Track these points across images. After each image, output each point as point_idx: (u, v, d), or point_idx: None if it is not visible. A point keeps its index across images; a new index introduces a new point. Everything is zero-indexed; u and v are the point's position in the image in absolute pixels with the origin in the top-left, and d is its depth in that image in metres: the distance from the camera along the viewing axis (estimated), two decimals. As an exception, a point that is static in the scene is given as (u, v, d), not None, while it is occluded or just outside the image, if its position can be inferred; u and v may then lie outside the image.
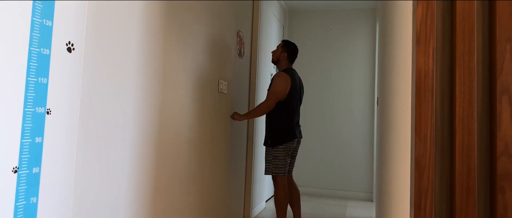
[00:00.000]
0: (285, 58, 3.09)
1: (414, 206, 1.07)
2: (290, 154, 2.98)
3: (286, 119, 2.95)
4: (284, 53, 3.08)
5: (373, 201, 4.70)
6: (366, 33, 4.94)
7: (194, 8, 2.13)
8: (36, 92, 1.12)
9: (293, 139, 2.95)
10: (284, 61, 3.09)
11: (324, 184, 4.87)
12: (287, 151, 2.94)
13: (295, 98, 3.00)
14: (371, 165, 4.79)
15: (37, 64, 1.12)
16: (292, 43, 3.13)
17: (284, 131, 2.94)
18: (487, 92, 1.07)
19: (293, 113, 2.98)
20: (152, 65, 1.74)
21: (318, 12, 5.13)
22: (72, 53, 1.24)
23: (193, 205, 2.19)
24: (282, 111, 2.95)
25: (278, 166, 2.91)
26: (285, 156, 2.93)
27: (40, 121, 1.14)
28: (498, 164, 1.03)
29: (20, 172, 1.08)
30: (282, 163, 2.92)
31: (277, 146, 2.92)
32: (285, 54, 3.08)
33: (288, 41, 3.13)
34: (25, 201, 1.10)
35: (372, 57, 4.91)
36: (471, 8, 1.07)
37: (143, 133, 1.68)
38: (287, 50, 3.09)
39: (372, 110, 4.84)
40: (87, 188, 1.35)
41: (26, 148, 1.10)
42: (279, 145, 2.92)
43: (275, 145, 2.92)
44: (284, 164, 2.93)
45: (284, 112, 2.95)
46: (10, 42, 1.04)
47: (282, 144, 2.92)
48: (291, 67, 3.10)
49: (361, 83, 4.91)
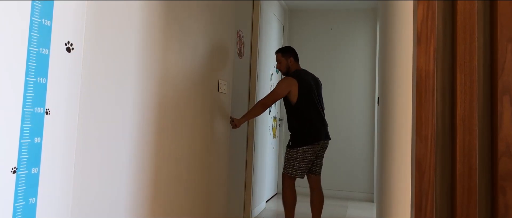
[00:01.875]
0: (293, 62, 3.10)
1: (415, 206, 1.07)
2: (311, 157, 2.96)
3: (304, 122, 2.96)
4: (290, 58, 3.09)
5: (373, 201, 4.69)
6: (367, 33, 4.94)
7: (193, 7, 2.13)
8: (35, 92, 1.12)
9: (314, 142, 2.94)
10: (293, 65, 3.11)
11: (325, 185, 4.86)
12: (307, 154, 2.94)
13: (309, 100, 2.96)
14: (372, 166, 4.79)
15: (36, 64, 1.11)
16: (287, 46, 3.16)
17: (303, 134, 2.95)
18: (488, 92, 1.06)
19: (310, 115, 2.96)
20: (152, 65, 1.73)
21: (319, 11, 5.12)
22: (71, 53, 1.24)
23: (192, 206, 2.19)
24: (297, 114, 2.96)
25: (295, 167, 2.94)
26: (304, 159, 2.94)
27: (39, 121, 1.13)
28: (499, 165, 1.02)
29: (19, 173, 1.08)
30: (300, 166, 2.94)
31: (296, 148, 2.94)
32: (291, 58, 3.10)
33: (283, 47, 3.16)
34: (24, 201, 1.10)
35: (372, 57, 4.90)
36: (472, 8, 1.06)
37: (143, 133, 1.68)
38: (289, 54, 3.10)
39: (373, 110, 4.84)
40: (86, 188, 1.35)
41: (25, 148, 1.09)
42: (298, 147, 2.93)
43: (294, 147, 2.95)
44: (302, 167, 2.95)
45: (300, 114, 2.96)
46: (9, 42, 1.04)
47: (302, 147, 2.93)
48: (299, 69, 3.09)
49: (361, 83, 4.91)
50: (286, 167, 2.98)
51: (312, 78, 3.08)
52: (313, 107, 2.98)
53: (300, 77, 2.98)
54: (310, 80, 3.02)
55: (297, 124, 2.98)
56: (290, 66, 3.10)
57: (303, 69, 3.09)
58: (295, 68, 3.09)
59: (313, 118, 2.96)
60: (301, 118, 2.96)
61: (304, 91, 2.95)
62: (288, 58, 3.09)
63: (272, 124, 4.59)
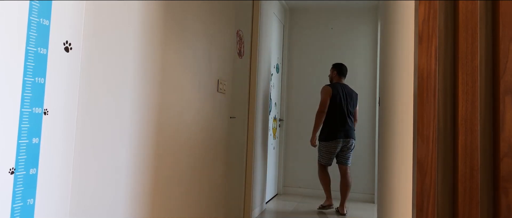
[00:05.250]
0: (335, 75, 4.12)
1: (416, 207, 1.06)
2: (333, 151, 3.94)
3: (327, 122, 3.96)
4: (334, 71, 4.12)
5: (374, 202, 4.68)
6: (368, 32, 4.93)
7: (193, 7, 2.12)
8: (33, 92, 1.11)
9: (334, 139, 3.90)
10: (335, 77, 4.12)
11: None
12: (329, 148, 3.94)
13: (337, 106, 3.93)
14: (373, 166, 4.78)
15: (34, 64, 1.11)
16: (338, 63, 4.14)
17: (325, 133, 3.96)
18: (490, 92, 1.05)
19: (334, 118, 3.93)
20: (151, 65, 1.72)
21: (319, 11, 5.11)
22: (69, 53, 1.23)
23: (192, 207, 2.18)
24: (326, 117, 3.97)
25: (323, 157, 4.00)
26: (327, 152, 3.95)
27: (37, 121, 1.13)
28: (501, 165, 1.01)
29: (17, 173, 1.07)
30: (326, 156, 3.97)
31: (322, 142, 3.99)
32: (335, 72, 4.12)
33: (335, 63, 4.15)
34: (22, 202, 1.09)
35: (373, 56, 4.89)
36: (474, 7, 1.05)
37: (142, 134, 1.67)
38: (334, 68, 4.13)
39: (374, 110, 4.83)
40: (84, 189, 1.34)
41: (23, 149, 1.08)
42: (323, 142, 3.97)
43: (320, 141, 4.00)
44: (327, 158, 3.97)
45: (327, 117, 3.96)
46: (7, 42, 1.03)
47: (324, 142, 3.95)
48: (338, 81, 4.08)
49: (362, 83, 4.90)
50: (318, 157, 4.05)
51: (347, 90, 4.02)
52: (338, 113, 3.92)
53: (334, 87, 3.97)
54: (339, 90, 3.97)
55: (323, 124, 4.00)
56: (333, 77, 4.13)
57: (341, 83, 4.06)
58: (336, 80, 4.10)
59: (336, 121, 3.91)
60: (326, 121, 3.97)
61: (333, 99, 3.94)
62: (333, 71, 4.13)
63: (272, 125, 4.58)
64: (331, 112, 3.92)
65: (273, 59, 4.53)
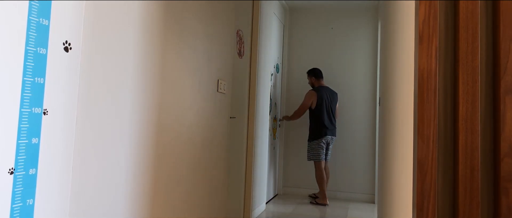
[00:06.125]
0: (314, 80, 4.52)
1: (416, 208, 1.06)
2: (324, 147, 4.35)
3: (315, 122, 4.36)
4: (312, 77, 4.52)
5: (375, 203, 4.68)
6: (368, 32, 4.93)
7: (193, 7, 2.12)
8: (32, 92, 1.11)
9: (322, 137, 4.32)
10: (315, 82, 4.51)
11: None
12: (319, 145, 4.33)
13: (324, 107, 4.35)
14: (373, 167, 4.78)
15: (33, 64, 1.10)
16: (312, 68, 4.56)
17: (314, 131, 4.36)
18: (491, 92, 1.05)
19: (323, 118, 4.34)
20: (151, 65, 1.72)
21: (319, 11, 5.11)
22: (69, 53, 1.23)
23: (192, 207, 2.18)
24: (312, 117, 4.39)
25: (314, 154, 4.33)
26: (318, 148, 4.33)
27: (37, 121, 1.12)
28: (502, 166, 1.01)
29: (16, 174, 1.07)
30: (316, 153, 4.33)
31: (311, 141, 4.37)
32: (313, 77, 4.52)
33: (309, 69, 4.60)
34: (21, 203, 1.09)
35: (374, 56, 4.89)
36: (475, 8, 1.05)
37: (141, 134, 1.67)
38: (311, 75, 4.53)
39: (374, 111, 4.83)
40: (84, 189, 1.34)
41: (22, 149, 1.08)
42: (311, 140, 4.36)
43: (310, 140, 4.38)
44: (318, 154, 4.32)
45: (313, 117, 4.37)
46: (6, 42, 1.03)
47: (313, 140, 4.34)
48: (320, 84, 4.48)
49: (362, 83, 4.89)
50: (308, 155, 4.36)
51: (329, 92, 4.42)
52: (325, 113, 4.35)
53: (318, 91, 4.37)
54: (324, 93, 4.37)
55: (311, 124, 4.39)
56: (314, 83, 4.52)
57: (323, 85, 4.45)
58: (318, 84, 4.48)
59: (323, 120, 4.33)
60: (313, 120, 4.37)
61: (319, 101, 4.34)
62: (311, 77, 4.52)
63: (272, 125, 4.58)
64: (319, 113, 4.34)
65: (273, 59, 4.53)
